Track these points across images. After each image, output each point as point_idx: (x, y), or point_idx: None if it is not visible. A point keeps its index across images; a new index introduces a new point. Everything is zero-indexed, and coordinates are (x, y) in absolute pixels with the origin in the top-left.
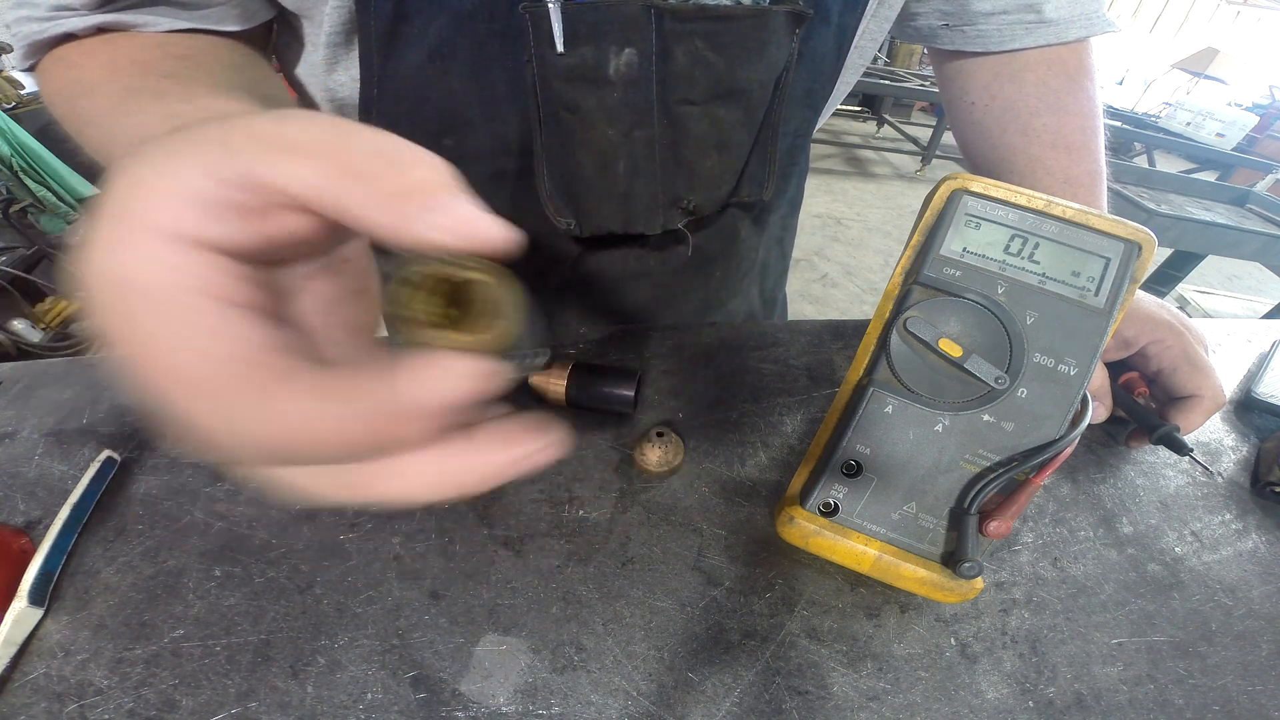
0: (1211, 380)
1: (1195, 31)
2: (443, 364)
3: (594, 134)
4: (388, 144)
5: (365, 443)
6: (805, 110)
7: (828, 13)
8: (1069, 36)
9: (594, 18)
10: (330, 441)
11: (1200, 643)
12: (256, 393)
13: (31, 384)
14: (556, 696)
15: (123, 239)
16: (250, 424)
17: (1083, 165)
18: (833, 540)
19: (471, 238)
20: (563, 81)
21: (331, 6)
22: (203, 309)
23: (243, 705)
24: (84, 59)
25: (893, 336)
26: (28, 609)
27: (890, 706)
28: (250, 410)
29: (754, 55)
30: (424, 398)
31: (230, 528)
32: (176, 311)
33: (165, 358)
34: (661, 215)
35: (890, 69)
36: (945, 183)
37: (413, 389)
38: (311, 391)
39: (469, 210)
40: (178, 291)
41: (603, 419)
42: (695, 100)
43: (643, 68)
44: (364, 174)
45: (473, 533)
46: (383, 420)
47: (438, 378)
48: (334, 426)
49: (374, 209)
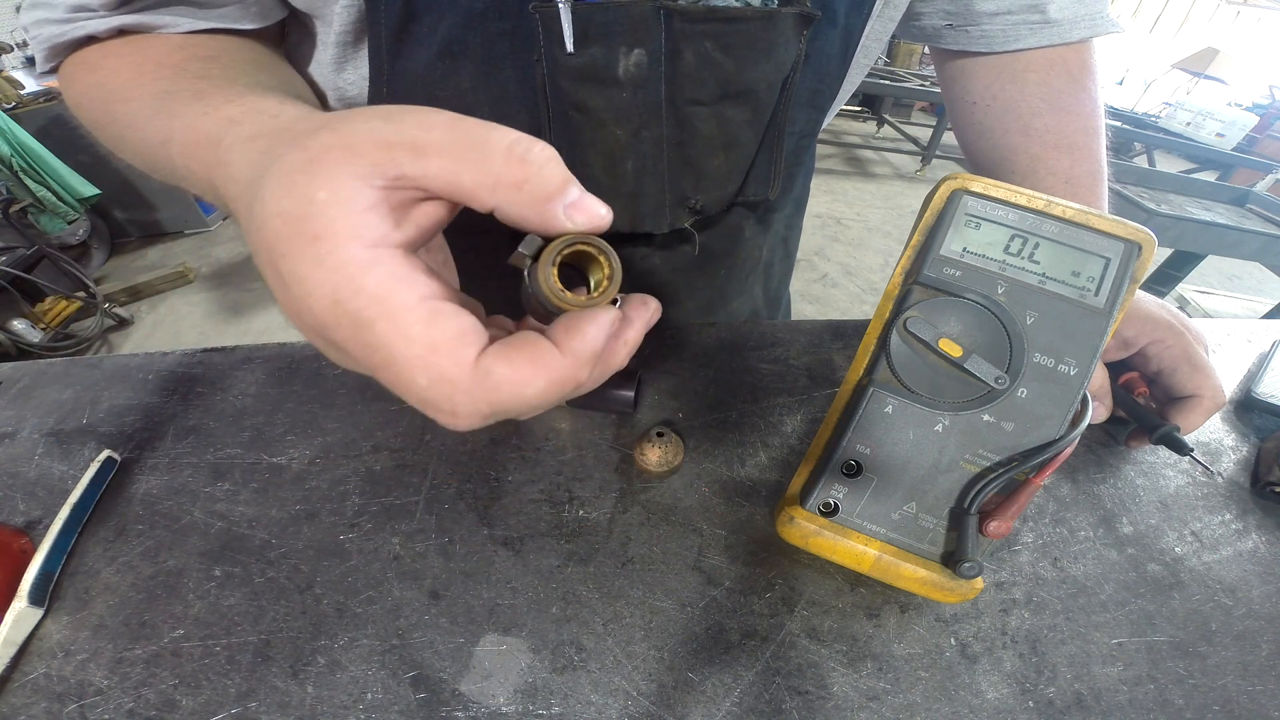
0: (1211, 380)
1: (1195, 31)
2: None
3: (603, 134)
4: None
5: (554, 393)
6: (811, 111)
7: (835, 14)
8: (1073, 37)
9: (604, 18)
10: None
11: (1200, 643)
12: (469, 364)
13: (31, 384)
14: (556, 696)
15: (330, 252)
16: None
17: (1084, 165)
18: (833, 540)
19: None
20: (572, 81)
21: (342, 5)
22: (418, 305)
23: (243, 705)
24: (108, 60)
25: (893, 336)
26: (28, 609)
27: (890, 706)
28: (467, 375)
29: (762, 56)
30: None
31: (230, 528)
32: (399, 306)
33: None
34: (669, 214)
35: (891, 69)
36: (945, 183)
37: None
38: (507, 360)
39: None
40: (394, 292)
41: (603, 419)
42: (703, 101)
43: (652, 68)
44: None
45: (473, 533)
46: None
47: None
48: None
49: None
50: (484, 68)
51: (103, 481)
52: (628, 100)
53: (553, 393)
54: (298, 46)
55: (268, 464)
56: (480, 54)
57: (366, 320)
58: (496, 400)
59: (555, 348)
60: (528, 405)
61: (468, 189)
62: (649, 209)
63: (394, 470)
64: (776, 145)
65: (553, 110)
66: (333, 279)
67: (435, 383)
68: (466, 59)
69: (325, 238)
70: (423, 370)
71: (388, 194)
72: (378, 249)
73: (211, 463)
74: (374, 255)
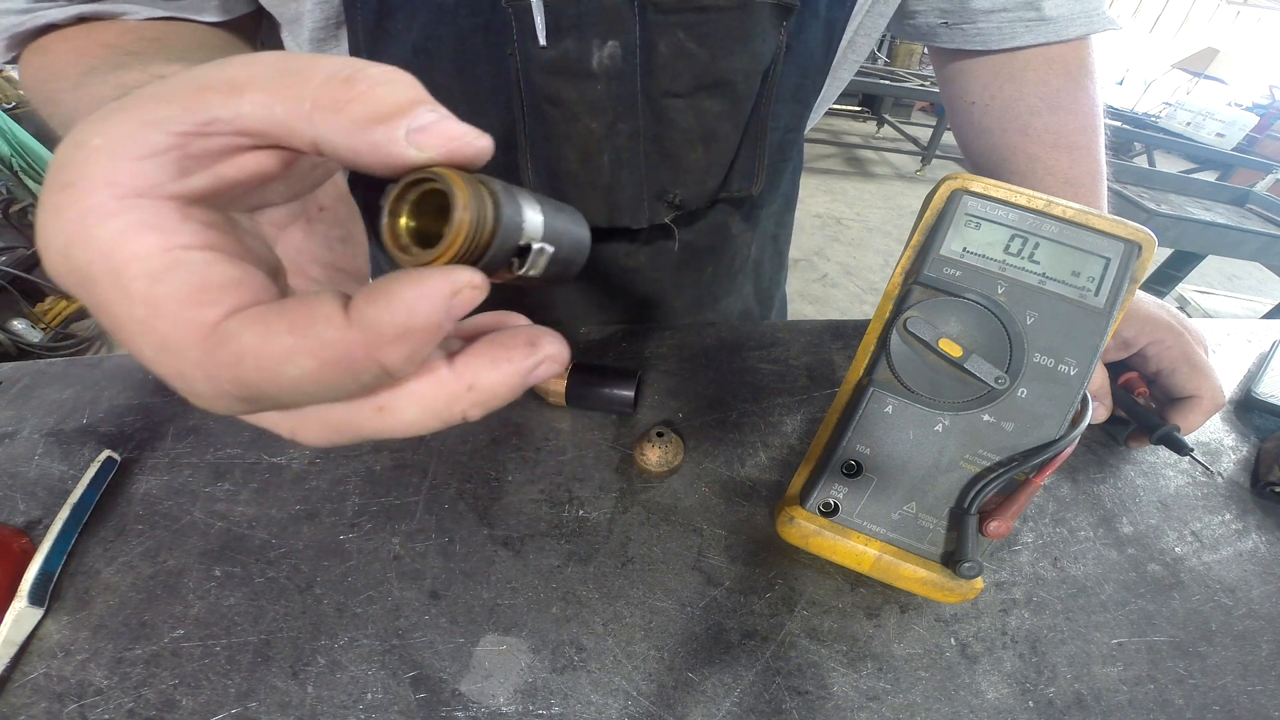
0: (1211, 380)
1: (1195, 31)
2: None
3: (577, 127)
4: (348, 65)
5: (330, 376)
6: (795, 105)
7: (816, 5)
8: (1069, 34)
9: (577, 10)
10: (288, 377)
11: (1200, 643)
12: (201, 329)
13: (31, 384)
14: (556, 696)
15: (71, 200)
16: (198, 360)
17: (1083, 165)
18: (833, 540)
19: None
20: (545, 75)
21: (313, 3)
22: (151, 256)
23: (243, 705)
24: (58, 45)
25: (893, 336)
26: (28, 609)
27: (890, 706)
28: (195, 346)
29: (738, 46)
30: (387, 320)
31: (230, 528)
32: (124, 259)
33: (114, 298)
34: (647, 209)
35: (890, 69)
36: (945, 183)
37: (375, 313)
38: (261, 325)
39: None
40: (125, 244)
41: (603, 419)
42: (679, 92)
43: (626, 60)
44: (330, 100)
45: (473, 533)
46: (344, 349)
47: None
48: (288, 360)
49: (347, 134)
50: (458, 63)
51: (103, 481)
52: (602, 93)
53: (331, 375)
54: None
55: (268, 464)
56: (454, 49)
57: (91, 276)
58: (241, 377)
59: (340, 313)
60: (296, 389)
61: (281, 122)
62: (626, 203)
63: (394, 470)
64: (759, 140)
65: (527, 104)
66: (66, 230)
67: (159, 351)
68: (441, 55)
69: (74, 185)
70: (142, 334)
71: (186, 140)
72: (134, 199)
73: (211, 463)
74: (123, 205)
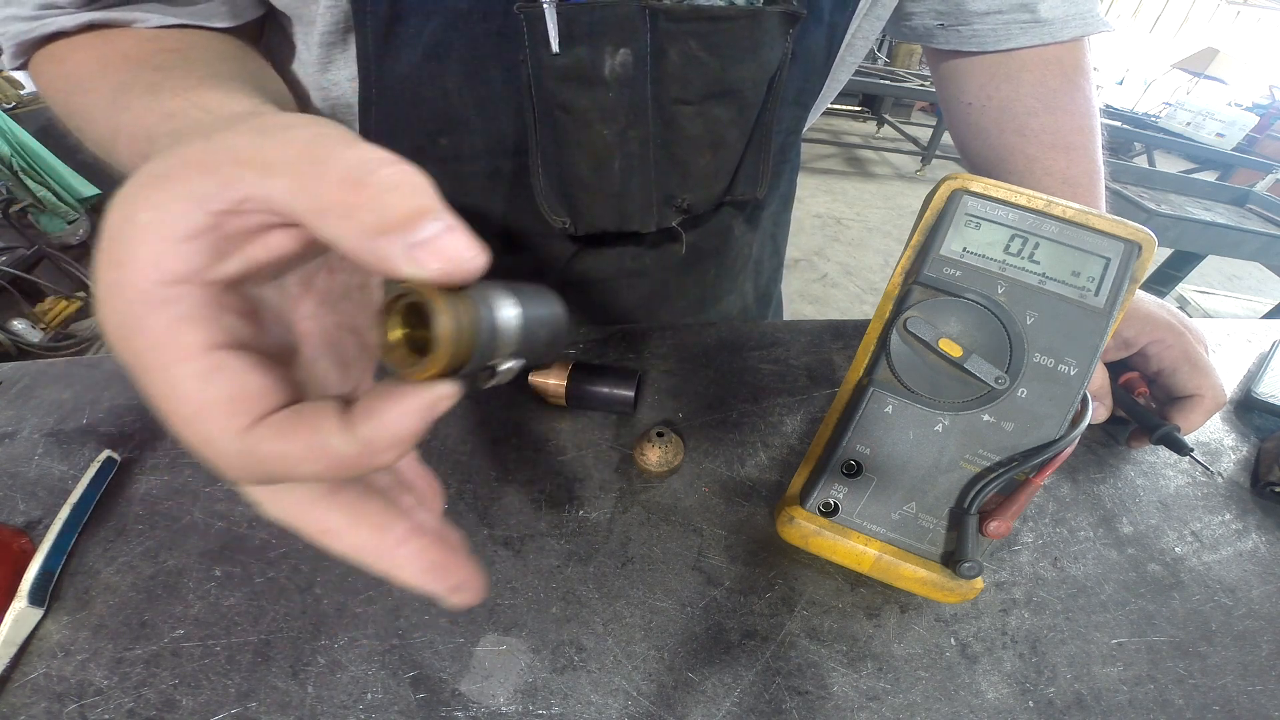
0: (1212, 380)
1: (1195, 31)
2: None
3: (589, 134)
4: (363, 164)
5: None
6: (796, 109)
7: (820, 12)
8: (1064, 36)
9: (589, 18)
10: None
11: (1200, 643)
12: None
13: (31, 384)
14: (556, 696)
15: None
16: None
17: (1080, 165)
18: (833, 540)
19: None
20: (557, 81)
21: (325, 6)
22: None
23: (243, 705)
24: (75, 54)
25: (893, 336)
26: (28, 609)
27: (890, 706)
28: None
29: (748, 55)
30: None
31: (230, 528)
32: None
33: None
34: (656, 214)
35: (890, 69)
36: (945, 183)
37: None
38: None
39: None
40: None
41: (603, 419)
42: (689, 100)
43: (637, 68)
44: (341, 205)
45: (473, 533)
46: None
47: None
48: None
49: (355, 241)
50: (470, 69)
51: (103, 481)
52: (613, 100)
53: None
54: (279, 47)
55: None
56: (466, 55)
57: (143, 365)
58: (267, 473)
59: (340, 429)
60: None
61: (301, 215)
62: (636, 208)
63: None
64: (764, 145)
65: (538, 111)
66: (121, 311)
67: (200, 444)
68: (452, 60)
69: (126, 265)
70: (187, 429)
71: (223, 219)
72: (176, 286)
73: None
74: (167, 294)
